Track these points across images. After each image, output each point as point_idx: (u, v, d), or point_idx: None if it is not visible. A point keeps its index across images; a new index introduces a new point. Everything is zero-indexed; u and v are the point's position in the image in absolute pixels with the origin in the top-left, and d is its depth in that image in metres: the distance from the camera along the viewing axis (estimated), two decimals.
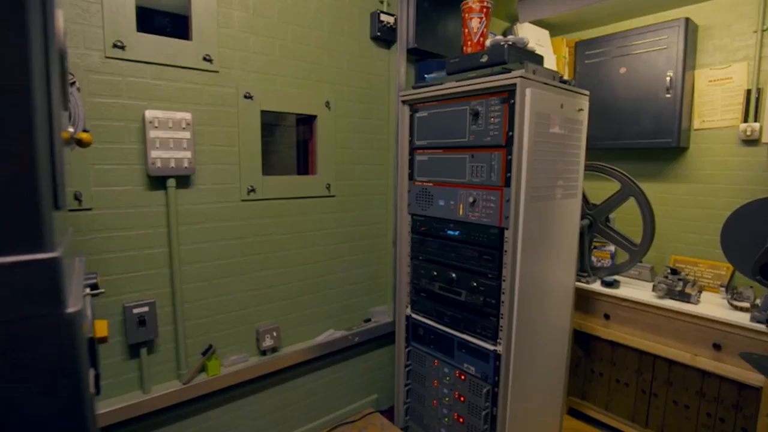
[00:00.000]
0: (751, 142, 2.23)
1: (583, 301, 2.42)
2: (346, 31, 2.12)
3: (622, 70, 2.47)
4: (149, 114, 1.56)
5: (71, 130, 0.96)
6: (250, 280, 1.92)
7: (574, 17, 2.65)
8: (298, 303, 2.09)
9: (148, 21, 1.64)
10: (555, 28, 2.81)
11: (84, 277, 0.83)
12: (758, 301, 1.95)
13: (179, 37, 1.65)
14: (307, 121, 2.12)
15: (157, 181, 1.63)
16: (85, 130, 1.40)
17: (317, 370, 2.20)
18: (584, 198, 2.40)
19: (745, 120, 2.24)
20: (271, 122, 2.11)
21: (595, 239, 2.53)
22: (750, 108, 2.22)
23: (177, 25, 1.70)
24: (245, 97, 1.82)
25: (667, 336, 2.12)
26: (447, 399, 1.96)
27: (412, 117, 2.01)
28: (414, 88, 1.99)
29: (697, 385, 2.08)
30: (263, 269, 1.95)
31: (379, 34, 2.18)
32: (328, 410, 2.28)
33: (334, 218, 2.17)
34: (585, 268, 2.45)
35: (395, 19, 2.22)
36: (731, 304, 2.04)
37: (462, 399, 1.88)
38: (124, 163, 1.56)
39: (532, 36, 2.64)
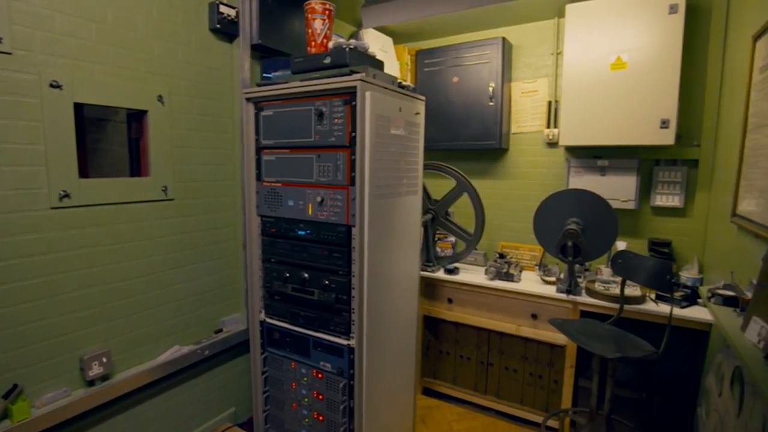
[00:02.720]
0: (552, 144, 2.69)
1: (430, 288, 2.64)
2: (181, 19, 1.95)
3: (455, 79, 2.76)
4: None
5: None
6: (69, 300, 1.64)
7: (414, 27, 2.86)
8: (134, 321, 1.86)
9: None
10: (398, 36, 3.00)
11: None
12: (562, 275, 2.36)
13: None
14: (138, 117, 1.89)
15: None
16: None
17: (163, 392, 1.99)
18: (427, 194, 2.62)
19: (548, 126, 2.69)
20: (97, 117, 1.83)
21: (438, 231, 2.77)
22: (551, 116, 2.68)
23: None
24: (52, 86, 1.55)
25: (498, 312, 2.45)
26: (306, 400, 1.95)
27: (257, 115, 1.95)
28: (258, 85, 1.92)
29: (522, 351, 2.44)
30: (87, 286, 1.69)
31: (219, 26, 2.05)
32: None
33: (173, 224, 1.99)
34: (430, 258, 2.67)
35: (237, 12, 2.11)
36: (543, 280, 2.44)
37: (321, 397, 1.89)
38: None
39: (377, 42, 2.77)
